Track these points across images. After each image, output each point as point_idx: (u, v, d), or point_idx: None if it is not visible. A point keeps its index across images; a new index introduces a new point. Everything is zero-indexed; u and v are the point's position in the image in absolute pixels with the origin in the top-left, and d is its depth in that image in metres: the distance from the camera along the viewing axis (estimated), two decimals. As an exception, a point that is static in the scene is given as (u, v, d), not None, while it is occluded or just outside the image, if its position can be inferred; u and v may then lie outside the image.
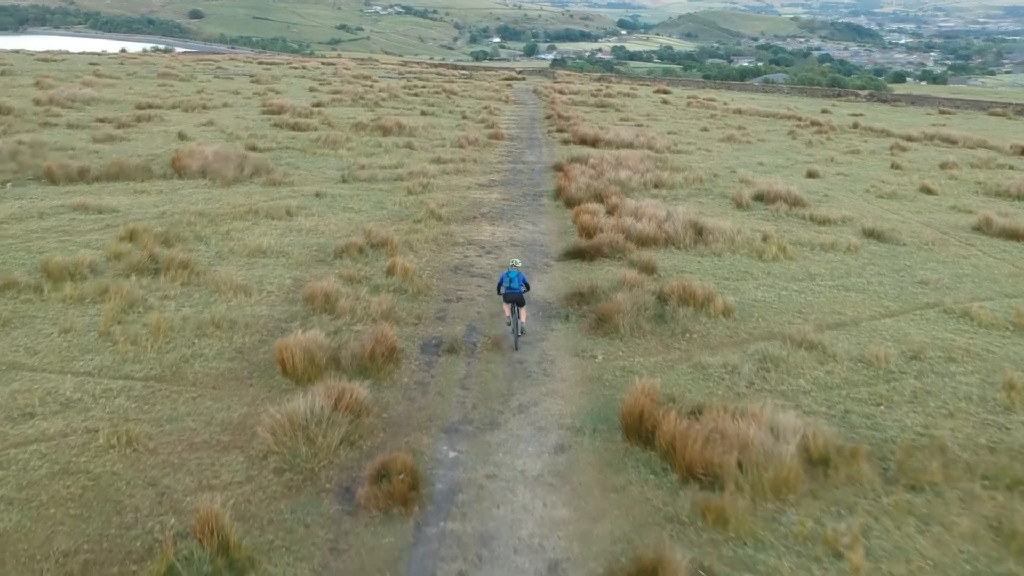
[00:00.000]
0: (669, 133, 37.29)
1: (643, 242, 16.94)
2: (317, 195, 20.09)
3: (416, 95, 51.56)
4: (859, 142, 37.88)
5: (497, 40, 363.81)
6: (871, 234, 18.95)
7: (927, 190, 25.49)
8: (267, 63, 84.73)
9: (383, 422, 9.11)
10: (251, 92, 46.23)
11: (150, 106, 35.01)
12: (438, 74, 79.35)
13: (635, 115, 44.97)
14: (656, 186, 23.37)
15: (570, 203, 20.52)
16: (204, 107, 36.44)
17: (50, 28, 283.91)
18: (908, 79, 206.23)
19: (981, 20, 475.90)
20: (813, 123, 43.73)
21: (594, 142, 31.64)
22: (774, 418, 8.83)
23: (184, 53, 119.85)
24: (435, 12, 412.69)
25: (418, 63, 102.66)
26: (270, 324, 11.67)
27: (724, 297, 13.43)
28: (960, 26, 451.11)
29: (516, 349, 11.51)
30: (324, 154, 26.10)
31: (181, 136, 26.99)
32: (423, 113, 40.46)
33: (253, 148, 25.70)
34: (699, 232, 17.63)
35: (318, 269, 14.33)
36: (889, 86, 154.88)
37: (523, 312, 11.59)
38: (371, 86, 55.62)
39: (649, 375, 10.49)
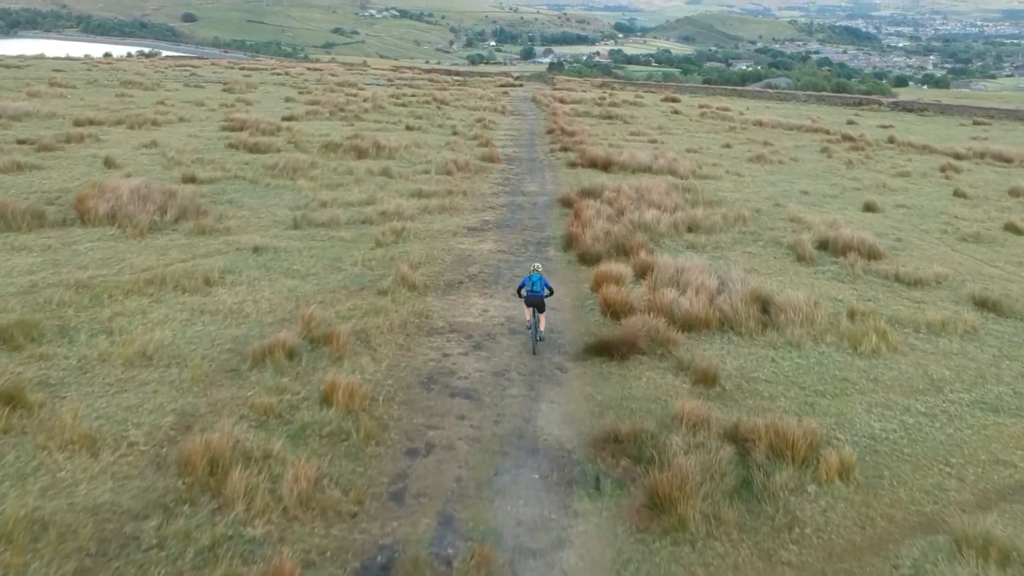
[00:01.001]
0: (689, 152, 32.64)
1: (690, 325, 12.28)
2: (255, 250, 15.37)
3: (403, 105, 46.87)
4: (903, 161, 33.30)
5: (493, 43, 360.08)
6: (983, 304, 14.32)
7: (1014, 228, 20.90)
8: (249, 68, 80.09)
9: None
10: (218, 103, 41.50)
11: (91, 122, 30.24)
12: (430, 80, 74.69)
13: (646, 128, 40.32)
14: (690, 229, 18.68)
15: (586, 259, 15.82)
16: (154, 123, 31.69)
17: (41, 32, 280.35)
18: (910, 83, 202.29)
19: (979, 23, 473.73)
20: (845, 137, 39.13)
21: (606, 165, 26.95)
22: None
23: (168, 57, 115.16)
24: (431, 15, 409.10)
25: (410, 68, 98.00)
26: (106, 529, 6.95)
27: (835, 443, 8.81)
28: (958, 29, 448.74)
29: (534, 354, 11.45)
30: (279, 186, 21.36)
31: (108, 163, 22.23)
32: (408, 128, 35.73)
33: (191, 179, 20.97)
34: (764, 307, 12.96)
35: (222, 390, 9.62)
36: (893, 90, 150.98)
37: (543, 319, 11.53)
38: (355, 95, 50.91)
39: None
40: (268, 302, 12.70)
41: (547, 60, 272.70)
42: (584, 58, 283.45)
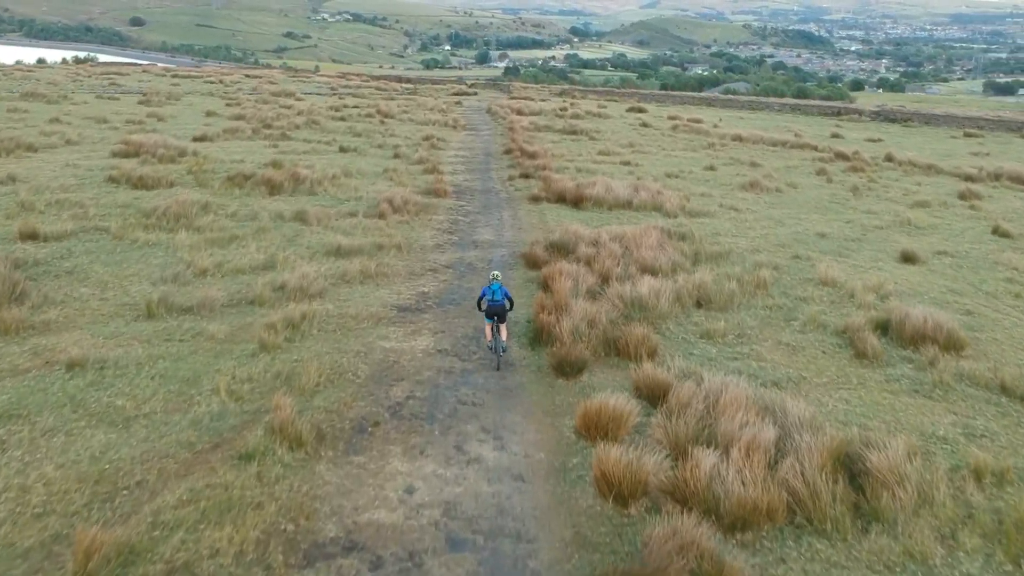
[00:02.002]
0: (670, 177, 27.98)
1: (744, 522, 7.49)
2: (70, 368, 10.21)
3: (342, 119, 41.62)
4: (912, 185, 29.03)
5: (448, 48, 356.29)
6: None
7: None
8: (182, 76, 74.13)
9: None
10: (124, 119, 35.90)
11: (-53, 148, 24.68)
12: (377, 89, 69.37)
13: (616, 146, 35.58)
14: (700, 304, 13.90)
15: (564, 368, 10.89)
16: (30, 148, 26.14)
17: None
18: (865, 87, 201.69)
19: (928, 27, 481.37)
20: (839, 155, 34.82)
21: (576, 201, 22.10)
22: None
23: (100, 63, 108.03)
24: (384, 19, 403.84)
25: (358, 75, 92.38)
26: None
27: None
28: (908, 33, 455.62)
29: (498, 369, 10.89)
30: (151, 243, 16.12)
31: (-75, 212, 16.86)
32: (342, 150, 30.53)
33: (31, 235, 15.68)
34: (852, 477, 8.21)
35: None
36: (851, 94, 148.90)
37: (504, 329, 10.97)
38: (289, 107, 45.54)
39: None
40: (44, 491, 7.59)
41: (502, 64, 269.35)
42: (540, 62, 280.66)
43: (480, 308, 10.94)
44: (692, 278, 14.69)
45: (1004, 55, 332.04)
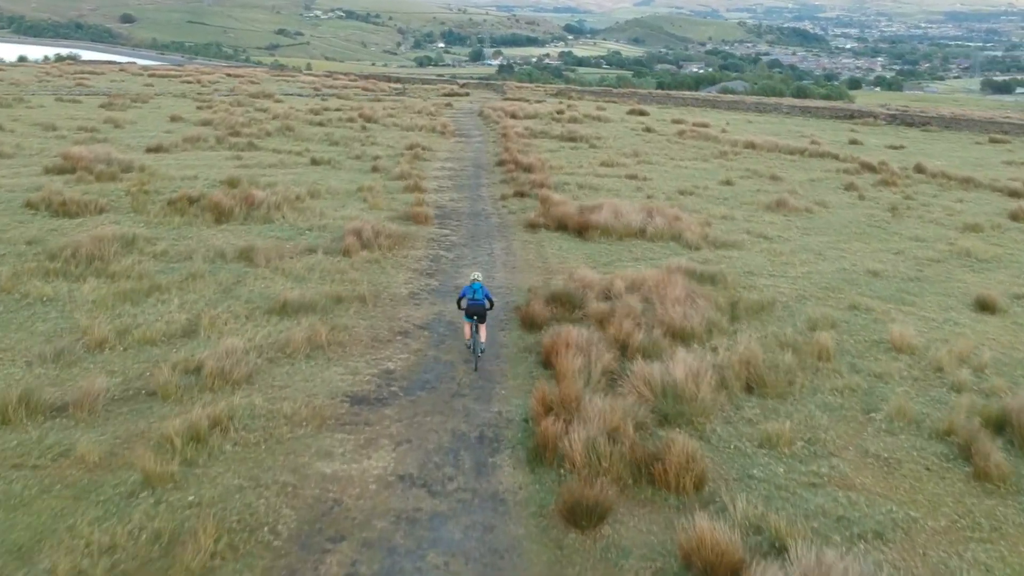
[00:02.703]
0: (682, 194, 24.69)
1: None
2: None
3: (321, 124, 38.17)
4: (953, 202, 25.81)
5: (442, 45, 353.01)
6: None
7: None
8: (160, 75, 70.58)
9: None
10: (77, 126, 32.45)
11: None
12: (364, 89, 65.90)
13: (620, 156, 32.24)
14: (749, 388, 10.59)
15: (576, 514, 7.57)
16: (-49, 162, 22.77)
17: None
18: (863, 85, 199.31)
19: (923, 25, 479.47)
20: (865, 166, 31.56)
21: (580, 229, 18.79)
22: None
23: (82, 62, 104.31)
24: (377, 16, 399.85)
25: (344, 74, 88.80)
26: None
27: None
28: (903, 31, 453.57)
29: (476, 370, 10.66)
30: (45, 297, 12.73)
31: None
32: (314, 162, 27.14)
33: None
34: None
35: None
36: (850, 93, 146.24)
37: (483, 329, 10.79)
38: (265, 110, 42.12)
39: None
40: None
41: (496, 62, 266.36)
42: (534, 60, 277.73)
43: (460, 307, 10.97)
44: (736, 347, 11.40)
45: (999, 53, 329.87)
